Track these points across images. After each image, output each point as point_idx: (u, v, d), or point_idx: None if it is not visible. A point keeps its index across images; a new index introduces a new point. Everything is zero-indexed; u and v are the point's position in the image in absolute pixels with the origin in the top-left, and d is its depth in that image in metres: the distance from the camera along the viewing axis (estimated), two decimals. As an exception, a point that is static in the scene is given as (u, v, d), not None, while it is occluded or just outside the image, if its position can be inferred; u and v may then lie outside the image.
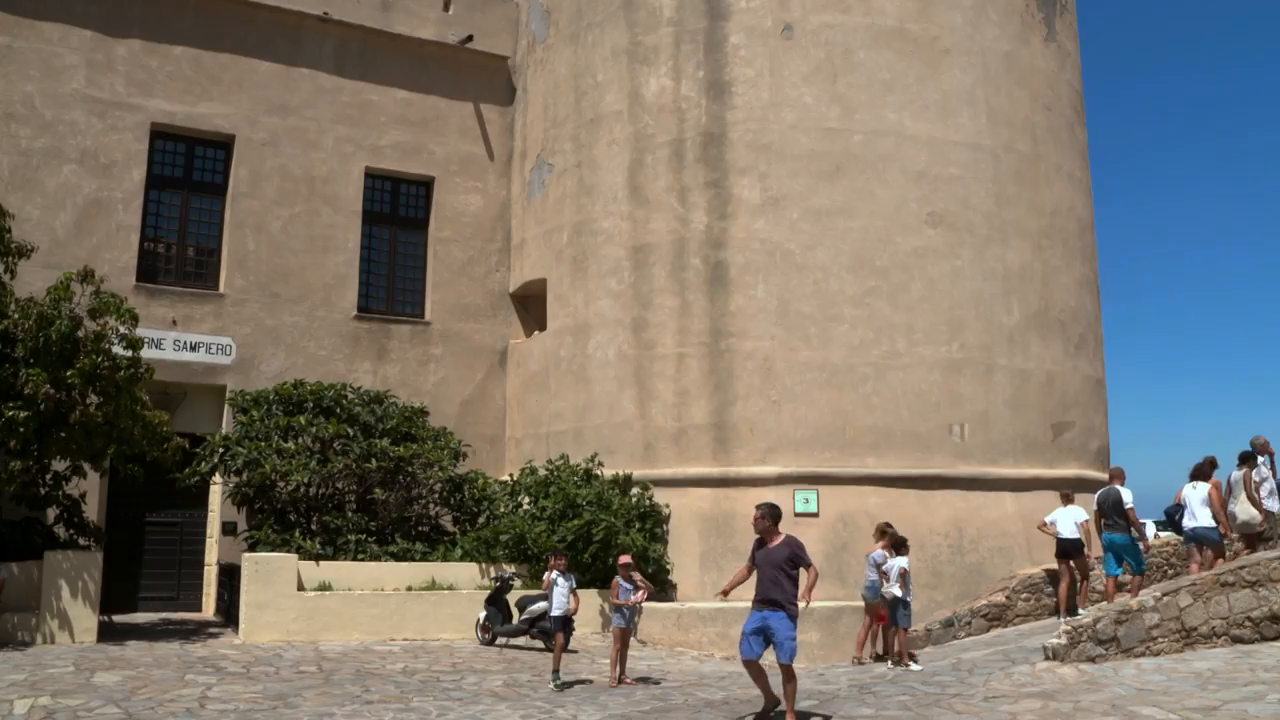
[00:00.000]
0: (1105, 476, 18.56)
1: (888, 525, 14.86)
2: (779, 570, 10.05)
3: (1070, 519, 15.95)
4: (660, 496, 17.91)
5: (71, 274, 14.57)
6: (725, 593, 11.02)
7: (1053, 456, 19.00)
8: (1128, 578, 15.13)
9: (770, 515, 10.37)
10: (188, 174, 19.82)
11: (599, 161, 19.98)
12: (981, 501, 17.97)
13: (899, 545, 14.63)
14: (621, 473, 18.06)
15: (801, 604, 10.20)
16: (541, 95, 21.50)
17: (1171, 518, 15.52)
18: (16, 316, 14.10)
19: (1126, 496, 14.97)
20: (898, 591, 14.17)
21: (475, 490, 18.15)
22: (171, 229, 19.60)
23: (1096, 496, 15.48)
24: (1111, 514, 14.95)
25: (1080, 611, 14.88)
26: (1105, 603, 13.86)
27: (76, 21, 18.69)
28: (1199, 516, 14.40)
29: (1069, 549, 15.82)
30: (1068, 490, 17.12)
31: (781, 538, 10.26)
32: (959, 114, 19.07)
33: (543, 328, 20.92)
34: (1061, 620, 14.18)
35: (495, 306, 21.93)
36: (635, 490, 17.85)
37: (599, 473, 17.96)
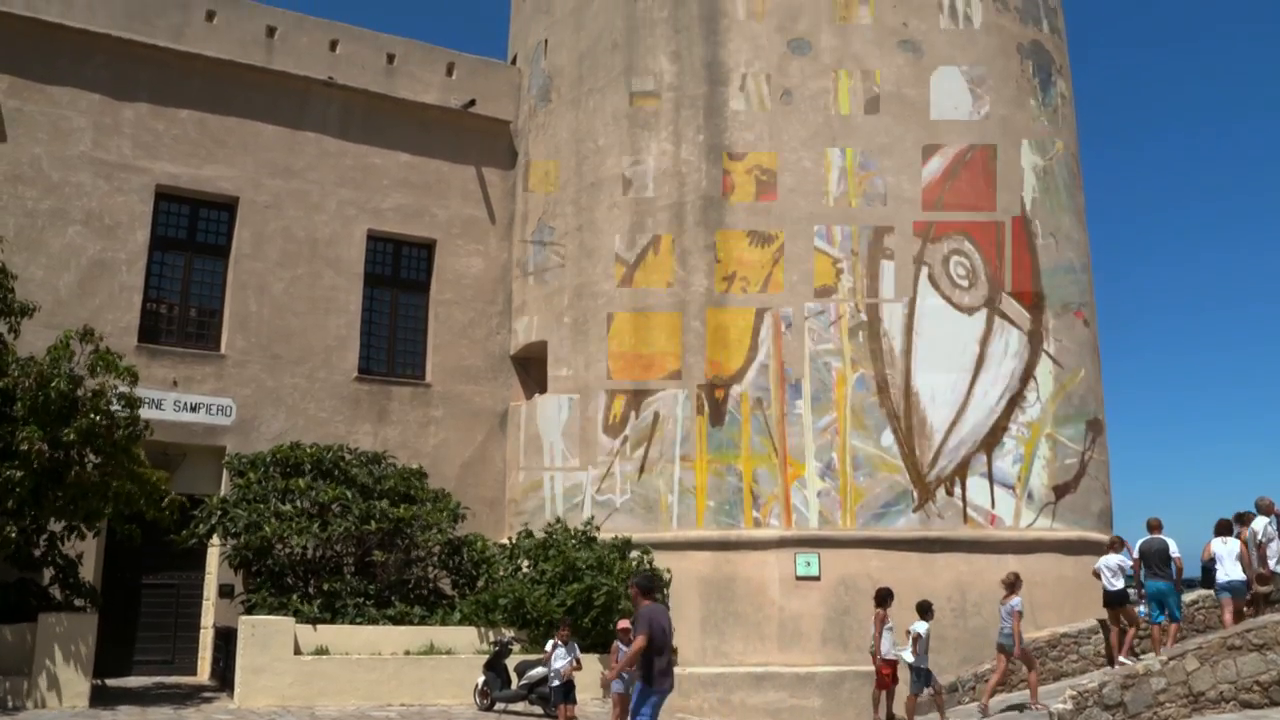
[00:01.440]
0: (1107, 538, 18.54)
1: (1015, 576, 15.05)
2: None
3: (1116, 567, 16.06)
4: (660, 560, 17.75)
5: (72, 332, 14.57)
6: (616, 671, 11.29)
7: (1055, 518, 18.87)
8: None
9: (637, 585, 10.36)
10: (191, 235, 19.92)
11: (599, 225, 20.13)
12: (984, 564, 17.82)
13: (923, 611, 14.62)
14: (621, 535, 17.95)
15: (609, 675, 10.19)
16: (543, 159, 21.71)
17: (1208, 571, 15.83)
18: (17, 374, 14.07)
19: (1173, 547, 15.49)
20: (909, 658, 14.10)
21: (474, 553, 18.00)
22: (174, 290, 19.65)
23: (1139, 546, 15.74)
24: (1157, 564, 15.38)
25: (1125, 661, 14.89)
26: (1152, 651, 14.16)
27: (86, 85, 18.91)
28: (1232, 570, 14.94)
29: (1116, 599, 15.94)
30: (1116, 537, 17.06)
31: (642, 606, 10.19)
32: (956, 175, 19.25)
33: (543, 390, 20.90)
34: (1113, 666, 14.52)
35: (496, 369, 21.92)
36: (635, 554, 17.72)
37: (597, 535, 17.85)
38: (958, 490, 18.12)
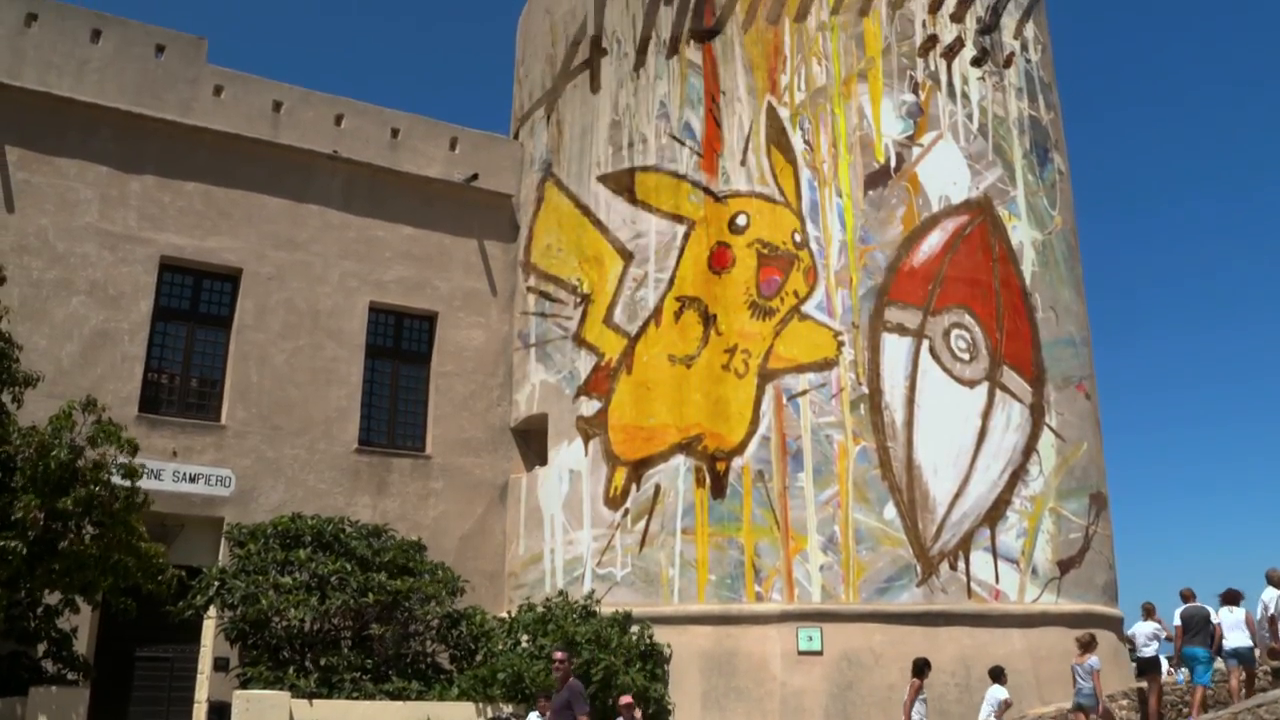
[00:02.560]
0: (1115, 611, 18.44)
1: (1091, 635, 15.19)
2: (559, 717, 9.97)
3: (1148, 635, 16.29)
4: (661, 634, 17.54)
5: (74, 403, 14.53)
6: None
7: (1060, 593, 18.71)
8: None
9: (571, 658, 10.36)
10: (194, 306, 20.01)
11: (600, 298, 20.21)
12: (988, 639, 17.62)
13: (997, 676, 14.69)
14: (621, 609, 17.76)
15: None
16: (544, 232, 21.87)
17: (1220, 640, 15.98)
18: (18, 443, 14.01)
19: (1214, 614, 15.65)
20: None
21: (473, 626, 17.77)
22: (176, 360, 19.70)
23: (1181, 614, 15.80)
24: (1200, 630, 15.53)
25: None
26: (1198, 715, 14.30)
27: (93, 158, 19.15)
28: (1239, 638, 15.22)
29: (1147, 665, 16.08)
30: (1149, 604, 17.07)
31: (567, 683, 10.12)
32: (955, 249, 19.40)
33: (544, 462, 20.83)
34: None
35: (496, 441, 21.87)
36: (635, 628, 17.51)
37: (598, 610, 17.66)
38: (961, 564, 17.97)
